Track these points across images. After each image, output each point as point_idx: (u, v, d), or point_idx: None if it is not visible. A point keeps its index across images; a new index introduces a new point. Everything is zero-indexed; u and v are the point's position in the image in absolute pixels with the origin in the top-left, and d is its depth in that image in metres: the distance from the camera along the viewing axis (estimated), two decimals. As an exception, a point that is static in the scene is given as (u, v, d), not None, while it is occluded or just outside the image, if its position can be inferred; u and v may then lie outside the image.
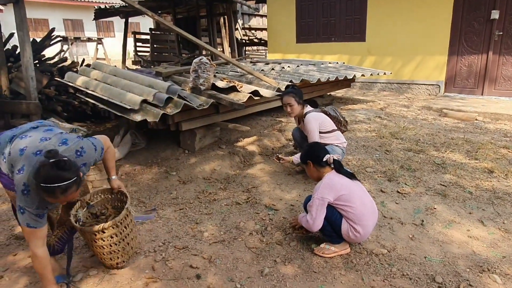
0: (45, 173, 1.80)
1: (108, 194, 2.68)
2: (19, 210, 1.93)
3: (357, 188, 2.61)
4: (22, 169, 1.91)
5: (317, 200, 2.51)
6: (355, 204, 2.51)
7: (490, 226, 2.98)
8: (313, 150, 2.76)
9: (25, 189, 1.89)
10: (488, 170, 3.99)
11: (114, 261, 2.42)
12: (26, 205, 1.91)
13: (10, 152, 2.01)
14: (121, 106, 3.91)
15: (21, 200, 1.91)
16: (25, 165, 1.91)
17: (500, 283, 2.32)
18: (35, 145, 1.99)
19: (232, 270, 2.51)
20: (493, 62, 7.32)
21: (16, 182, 1.91)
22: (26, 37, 5.12)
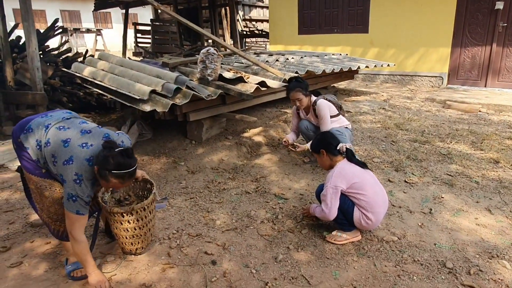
0: (116, 161, 1.99)
1: (131, 182, 2.73)
2: (71, 198, 2.02)
3: (368, 177, 2.65)
4: (70, 160, 2.01)
5: (330, 189, 2.55)
6: (367, 192, 2.56)
7: (497, 214, 3.03)
8: (326, 138, 2.77)
9: (78, 179, 2.01)
10: (494, 161, 4.04)
11: (134, 246, 2.47)
12: (78, 193, 2.02)
13: (49, 142, 2.07)
14: (130, 96, 3.93)
15: (73, 188, 2.01)
16: (73, 156, 2.02)
17: (509, 268, 2.37)
18: (78, 137, 2.08)
19: (247, 257, 2.56)
20: (497, 54, 7.34)
21: (64, 172, 2.01)
22: (32, 28, 5.11)
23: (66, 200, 2.03)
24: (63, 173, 2.02)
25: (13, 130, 2.19)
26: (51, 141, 2.07)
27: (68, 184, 2.01)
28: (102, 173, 2.02)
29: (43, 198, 2.22)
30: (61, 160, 2.02)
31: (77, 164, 2.01)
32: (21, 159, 2.16)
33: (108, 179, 2.02)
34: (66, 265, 2.35)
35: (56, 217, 2.26)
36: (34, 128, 2.12)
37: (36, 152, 2.10)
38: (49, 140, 2.08)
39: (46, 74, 5.54)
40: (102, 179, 2.04)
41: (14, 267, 2.42)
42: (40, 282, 2.28)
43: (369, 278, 2.32)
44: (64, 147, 2.04)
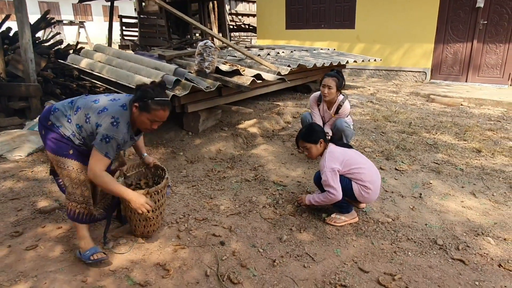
0: (157, 90, 2.21)
1: (143, 169, 2.87)
2: (104, 139, 2.13)
3: (356, 154, 2.88)
4: (105, 109, 2.19)
5: (329, 172, 2.71)
6: (359, 165, 2.76)
7: (481, 198, 3.28)
8: (319, 128, 2.91)
9: (115, 121, 2.16)
10: (476, 150, 4.30)
11: (146, 228, 2.58)
12: (114, 134, 2.15)
13: (79, 107, 2.25)
14: (130, 87, 4.01)
15: (109, 130, 2.14)
16: (106, 106, 2.20)
17: (493, 244, 2.61)
18: (105, 97, 2.31)
19: (253, 238, 2.71)
20: (477, 50, 7.69)
21: (99, 118, 2.16)
22: (25, 19, 5.10)
23: (99, 141, 2.14)
24: (98, 120, 2.17)
25: (40, 118, 2.33)
26: (81, 106, 2.25)
27: (104, 126, 2.14)
28: (143, 106, 2.16)
29: (63, 177, 2.32)
30: (94, 112, 2.19)
31: (113, 109, 2.19)
32: (48, 141, 2.28)
33: (150, 109, 2.16)
34: (82, 254, 2.36)
35: (83, 199, 2.34)
36: (59, 107, 2.29)
37: (68, 126, 2.26)
38: (78, 107, 2.25)
39: (39, 65, 5.52)
40: (143, 111, 2.17)
41: (30, 250, 2.50)
42: (58, 263, 2.38)
43: (368, 255, 2.51)
44: (95, 103, 2.24)
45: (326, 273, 2.34)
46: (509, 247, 2.59)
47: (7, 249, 2.52)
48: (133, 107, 2.22)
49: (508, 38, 7.33)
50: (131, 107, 2.24)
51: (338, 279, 2.28)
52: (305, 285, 2.24)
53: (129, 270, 2.36)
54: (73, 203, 2.34)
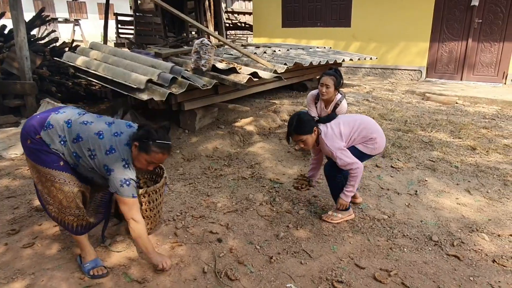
0: (160, 132, 2.14)
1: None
2: (124, 183, 2.08)
3: (345, 118, 2.86)
4: (112, 149, 2.10)
5: (339, 153, 2.65)
6: (355, 123, 2.78)
7: (476, 195, 3.31)
8: (310, 117, 2.79)
9: (126, 163, 2.11)
10: (471, 148, 4.34)
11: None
12: (130, 177, 2.12)
13: (80, 137, 2.11)
14: (127, 85, 4.00)
15: (125, 173, 2.10)
16: (113, 145, 2.11)
17: (488, 240, 2.64)
18: (107, 128, 2.16)
19: (250, 235, 2.72)
20: (472, 49, 7.74)
21: (109, 161, 2.08)
22: (20, 17, 5.07)
23: (120, 187, 2.08)
24: (108, 163, 2.08)
25: (28, 127, 2.14)
26: (83, 136, 2.11)
27: (118, 171, 2.08)
28: (143, 146, 2.10)
29: (55, 191, 2.17)
30: (101, 151, 2.09)
31: (121, 151, 2.11)
32: (35, 152, 2.13)
33: (150, 150, 2.10)
34: (82, 264, 2.31)
35: (79, 212, 2.24)
36: (54, 124, 2.12)
37: (59, 147, 2.12)
38: (79, 135, 2.11)
39: (34, 63, 5.49)
40: (142, 152, 2.11)
41: (27, 248, 2.50)
42: (55, 260, 2.38)
43: (364, 251, 2.53)
44: (100, 139, 2.10)
45: (323, 269, 2.35)
46: (503, 243, 2.62)
47: (4, 247, 2.52)
48: (133, 145, 2.14)
49: (502, 36, 7.38)
50: (131, 145, 2.17)
51: (335, 275, 2.30)
52: (302, 281, 2.26)
53: (126, 267, 2.36)
54: (70, 217, 2.23)
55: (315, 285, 2.23)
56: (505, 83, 7.56)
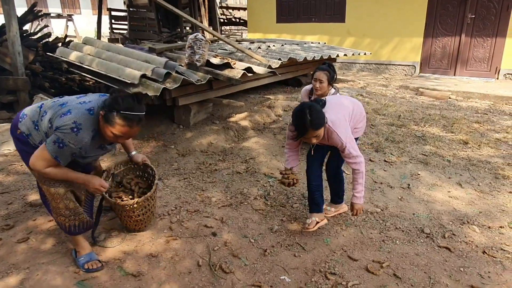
0: (127, 102, 1.90)
1: (131, 164, 2.77)
2: (58, 143, 1.90)
3: (333, 99, 2.62)
4: (69, 112, 1.92)
5: (349, 143, 2.38)
6: (349, 105, 2.59)
7: (467, 188, 3.36)
8: (318, 108, 2.30)
9: (75, 127, 1.90)
10: (463, 142, 4.39)
11: (137, 226, 2.59)
12: (70, 141, 1.90)
13: (45, 112, 2.02)
14: (120, 81, 3.99)
15: (66, 135, 1.89)
16: (71, 109, 1.94)
17: (478, 232, 2.68)
18: (75, 99, 2.06)
19: (244, 229, 2.74)
20: (465, 44, 7.79)
21: (59, 122, 1.90)
22: (12, 12, 5.02)
23: (52, 142, 1.91)
24: (58, 123, 1.91)
25: (11, 126, 2.13)
26: (48, 110, 2.01)
27: (62, 130, 1.90)
28: (108, 116, 1.91)
29: (45, 191, 2.14)
30: (58, 116, 1.94)
31: (77, 114, 1.93)
32: (24, 155, 2.09)
33: (114, 122, 1.90)
34: (77, 257, 2.30)
35: (69, 212, 2.19)
36: (28, 113, 2.09)
37: (36, 135, 2.06)
38: (45, 111, 2.02)
39: (27, 59, 5.44)
40: (107, 123, 1.92)
41: (21, 242, 2.50)
42: (50, 255, 2.38)
43: (357, 243, 2.56)
44: (62, 106, 1.98)
45: (316, 262, 2.38)
46: (493, 234, 2.67)
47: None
48: (100, 115, 1.96)
49: (495, 32, 7.43)
50: (96, 113, 1.99)
51: (328, 267, 2.33)
52: (295, 273, 2.29)
53: (121, 261, 2.37)
54: (61, 217, 2.20)
55: (308, 277, 2.26)
56: (498, 78, 7.63)
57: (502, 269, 2.32)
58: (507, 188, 3.34)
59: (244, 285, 2.19)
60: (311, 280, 2.23)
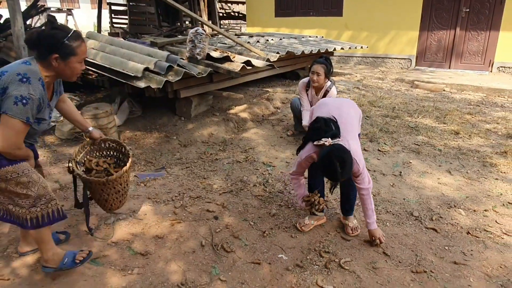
0: (62, 28, 1.87)
1: (88, 146, 2.56)
2: (20, 100, 1.75)
3: (341, 116, 2.41)
4: (3, 72, 1.81)
5: (365, 170, 2.36)
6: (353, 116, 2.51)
7: (456, 175, 3.53)
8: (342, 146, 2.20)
9: (23, 77, 1.78)
10: (455, 132, 4.56)
11: (114, 206, 2.54)
12: (30, 92, 1.78)
13: None
14: (124, 74, 4.14)
15: (22, 89, 1.76)
16: (4, 70, 1.82)
17: (464, 215, 2.86)
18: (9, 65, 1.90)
19: (244, 213, 2.92)
20: (460, 38, 7.93)
21: (6, 80, 1.77)
22: (17, 7, 5.14)
23: (13, 104, 1.74)
24: (3, 84, 1.77)
25: None
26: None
27: (13, 88, 1.75)
28: (64, 51, 1.84)
29: (21, 188, 1.94)
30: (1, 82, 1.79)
31: (14, 68, 1.81)
32: None
33: (73, 49, 1.86)
34: (61, 264, 2.14)
35: (40, 200, 2.00)
36: None
37: None
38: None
39: (31, 53, 5.59)
40: (69, 55, 1.86)
41: None
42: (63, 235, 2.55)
43: (350, 226, 2.73)
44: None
45: (312, 242, 2.56)
46: (478, 217, 2.84)
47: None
48: (52, 61, 1.85)
49: (489, 25, 7.58)
50: (48, 62, 1.86)
51: (322, 246, 2.51)
52: (292, 252, 2.46)
53: (130, 242, 2.54)
54: (43, 206, 2.00)
55: (304, 255, 2.43)
56: (491, 71, 7.79)
57: (484, 247, 2.50)
58: (494, 175, 3.51)
59: (245, 262, 2.36)
60: (306, 257, 2.40)
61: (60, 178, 3.41)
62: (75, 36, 1.89)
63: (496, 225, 2.74)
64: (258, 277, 2.24)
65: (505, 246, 2.51)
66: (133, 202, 3.06)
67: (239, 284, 2.18)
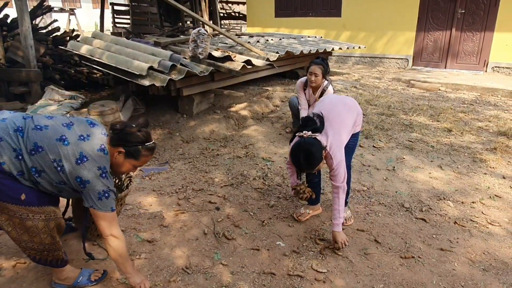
0: (145, 133, 1.94)
1: None
2: (103, 195, 1.83)
3: (332, 113, 2.47)
4: (84, 157, 1.79)
5: (342, 167, 2.37)
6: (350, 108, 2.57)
7: (447, 170, 3.70)
8: (315, 141, 2.29)
9: (102, 172, 1.83)
10: (447, 130, 4.72)
11: None
12: (109, 187, 1.86)
13: (40, 147, 1.75)
14: (129, 72, 4.30)
15: (102, 184, 1.82)
16: (82, 152, 1.80)
17: (452, 207, 3.03)
18: (69, 131, 1.84)
19: (244, 204, 3.08)
20: (456, 38, 8.10)
21: (81, 172, 1.78)
22: (25, 7, 5.31)
23: (98, 200, 1.82)
24: (80, 174, 1.77)
25: None
26: (42, 145, 1.75)
27: (94, 182, 1.79)
28: (132, 152, 1.91)
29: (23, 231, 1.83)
30: (71, 161, 1.77)
31: (94, 158, 1.81)
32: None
33: (140, 155, 1.94)
34: (74, 283, 2.12)
35: (43, 247, 1.91)
36: (3, 136, 1.72)
37: (15, 164, 1.73)
38: (37, 144, 1.74)
39: (38, 52, 5.74)
40: (131, 158, 1.93)
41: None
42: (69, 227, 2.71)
43: (344, 216, 2.90)
44: (65, 145, 1.78)
45: (308, 230, 2.73)
46: (465, 208, 3.01)
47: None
48: (115, 152, 1.91)
49: (484, 26, 7.75)
50: (113, 150, 1.91)
51: (318, 234, 2.67)
52: (289, 239, 2.63)
53: (136, 230, 2.71)
54: (31, 251, 1.91)
55: (300, 242, 2.60)
56: (486, 71, 7.95)
57: (469, 236, 2.67)
58: (483, 170, 3.68)
59: (245, 248, 2.53)
60: (302, 244, 2.57)
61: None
62: (151, 147, 1.97)
63: (482, 216, 2.91)
64: (257, 261, 2.40)
65: (489, 234, 2.68)
66: (138, 194, 3.22)
67: (239, 267, 2.34)
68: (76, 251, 2.42)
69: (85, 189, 1.80)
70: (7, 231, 1.84)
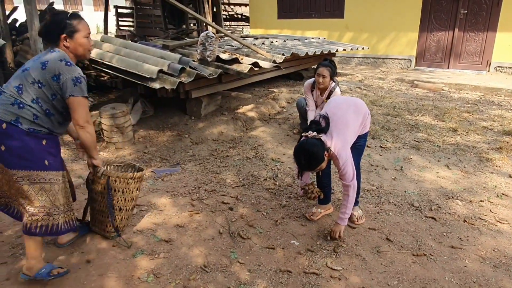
0: (61, 11, 2.15)
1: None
2: (76, 81, 2.01)
3: (339, 117, 2.51)
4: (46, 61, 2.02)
5: (350, 164, 2.43)
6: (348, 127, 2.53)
7: (454, 169, 3.76)
8: (317, 141, 2.36)
9: (66, 62, 2.03)
10: (453, 129, 4.78)
11: (123, 221, 2.65)
12: (79, 72, 2.04)
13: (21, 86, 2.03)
14: (140, 75, 4.37)
15: (72, 71, 2.02)
16: (43, 60, 2.03)
17: (461, 205, 3.09)
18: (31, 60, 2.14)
19: (257, 204, 3.15)
20: (458, 38, 8.16)
21: (52, 71, 2.00)
22: (34, 11, 5.37)
23: (74, 86, 2.00)
24: (50, 73, 2.01)
25: None
26: (21, 81, 2.04)
27: (64, 71, 1.99)
28: (69, 29, 2.06)
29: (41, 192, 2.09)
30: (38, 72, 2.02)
31: (52, 56, 2.03)
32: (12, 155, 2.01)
33: (76, 26, 2.08)
34: (37, 274, 2.16)
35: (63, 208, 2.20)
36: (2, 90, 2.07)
37: (27, 113, 2.01)
38: (20, 85, 2.03)
39: (46, 55, 5.82)
40: (74, 34, 2.08)
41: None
42: (93, 225, 2.78)
43: (356, 215, 2.97)
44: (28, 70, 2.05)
45: (320, 229, 2.79)
46: (474, 207, 3.07)
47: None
48: (61, 44, 2.09)
49: (486, 26, 7.81)
50: (63, 46, 2.09)
51: (331, 233, 2.73)
52: (303, 238, 2.69)
53: (153, 230, 2.77)
54: (46, 216, 2.12)
55: (314, 241, 2.66)
56: (489, 71, 8.01)
57: (479, 233, 2.73)
58: (489, 169, 3.74)
59: (260, 247, 2.59)
60: (316, 243, 2.63)
61: (83, 174, 3.64)
62: (74, 15, 2.13)
63: (491, 214, 2.97)
64: (273, 260, 2.47)
65: (498, 232, 2.74)
66: (152, 195, 3.29)
67: (256, 266, 2.41)
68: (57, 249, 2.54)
69: (61, 80, 2.00)
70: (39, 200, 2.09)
